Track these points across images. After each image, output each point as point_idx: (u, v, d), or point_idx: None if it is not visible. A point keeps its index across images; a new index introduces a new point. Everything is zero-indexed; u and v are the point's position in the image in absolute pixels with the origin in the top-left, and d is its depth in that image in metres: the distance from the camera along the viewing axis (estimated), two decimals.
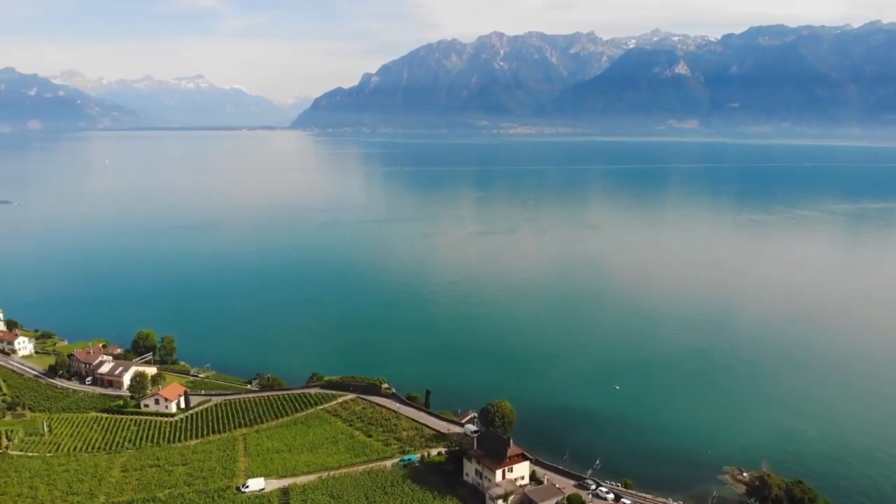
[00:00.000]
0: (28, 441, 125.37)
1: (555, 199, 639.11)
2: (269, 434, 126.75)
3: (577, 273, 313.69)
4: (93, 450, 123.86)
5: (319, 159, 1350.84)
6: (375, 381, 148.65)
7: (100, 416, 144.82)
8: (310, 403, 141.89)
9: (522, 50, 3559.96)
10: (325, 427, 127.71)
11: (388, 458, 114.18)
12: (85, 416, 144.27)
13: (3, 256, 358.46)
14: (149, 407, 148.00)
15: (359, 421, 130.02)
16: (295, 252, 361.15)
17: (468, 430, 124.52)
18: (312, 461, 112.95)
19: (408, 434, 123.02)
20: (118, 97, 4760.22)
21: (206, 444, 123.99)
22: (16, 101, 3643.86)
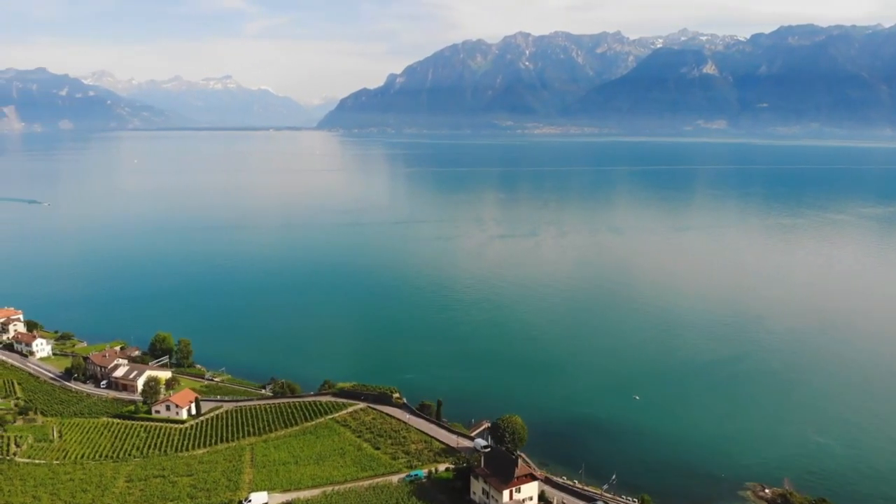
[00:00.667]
0: (36, 447, 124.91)
1: (577, 201, 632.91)
2: (276, 444, 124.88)
3: (597, 278, 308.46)
4: (100, 457, 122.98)
5: (343, 160, 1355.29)
6: (387, 391, 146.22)
7: (111, 422, 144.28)
8: (320, 412, 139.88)
9: (548, 50, 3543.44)
10: (334, 438, 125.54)
11: (394, 473, 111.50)
12: (96, 422, 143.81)
13: (30, 256, 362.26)
14: (160, 413, 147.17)
15: (368, 432, 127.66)
16: (314, 254, 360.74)
17: (478, 445, 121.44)
18: (318, 474, 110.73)
19: (416, 447, 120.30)
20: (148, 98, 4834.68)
21: (213, 454, 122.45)
22: (47, 100, 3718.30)
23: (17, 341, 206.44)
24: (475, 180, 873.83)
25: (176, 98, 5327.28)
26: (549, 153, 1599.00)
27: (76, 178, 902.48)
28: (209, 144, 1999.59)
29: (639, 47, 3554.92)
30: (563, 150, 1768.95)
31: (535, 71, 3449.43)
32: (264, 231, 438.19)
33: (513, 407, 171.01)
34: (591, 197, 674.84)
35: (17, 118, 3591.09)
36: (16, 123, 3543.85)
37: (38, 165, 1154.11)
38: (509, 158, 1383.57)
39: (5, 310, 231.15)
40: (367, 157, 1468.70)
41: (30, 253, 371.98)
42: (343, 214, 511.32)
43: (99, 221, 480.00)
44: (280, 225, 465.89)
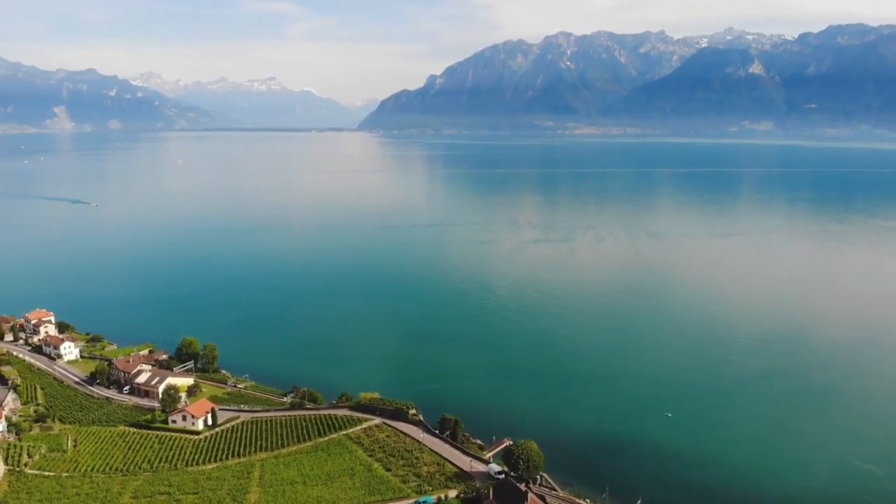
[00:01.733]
0: (48, 458, 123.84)
1: (617, 204, 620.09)
2: (287, 461, 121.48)
3: (633, 286, 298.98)
4: (110, 470, 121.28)
5: (381, 161, 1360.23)
6: (403, 406, 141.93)
7: (127, 431, 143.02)
8: (334, 427, 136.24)
9: (590, 50, 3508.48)
10: (345, 456, 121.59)
11: (402, 499, 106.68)
12: (112, 431, 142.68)
13: (70, 257, 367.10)
14: (176, 423, 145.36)
15: (380, 451, 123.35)
16: (346, 257, 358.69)
17: (492, 471, 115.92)
18: (325, 497, 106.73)
19: (428, 470, 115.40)
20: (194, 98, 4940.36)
21: (223, 470, 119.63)
22: (97, 101, 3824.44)
23: (45, 344, 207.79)
24: (512, 182, 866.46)
25: (221, 99, 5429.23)
26: (590, 154, 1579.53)
27: (124, 178, 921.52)
28: (252, 145, 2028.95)
29: (683, 47, 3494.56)
30: (604, 150, 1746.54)
31: (576, 71, 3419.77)
32: (298, 233, 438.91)
33: (537, 422, 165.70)
34: (631, 200, 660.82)
35: (68, 118, 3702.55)
36: (66, 123, 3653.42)
37: (88, 165, 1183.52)
38: (548, 159, 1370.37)
39: (37, 311, 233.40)
40: (405, 159, 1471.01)
41: (70, 253, 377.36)
42: (377, 216, 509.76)
43: (141, 222, 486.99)
44: (314, 227, 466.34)
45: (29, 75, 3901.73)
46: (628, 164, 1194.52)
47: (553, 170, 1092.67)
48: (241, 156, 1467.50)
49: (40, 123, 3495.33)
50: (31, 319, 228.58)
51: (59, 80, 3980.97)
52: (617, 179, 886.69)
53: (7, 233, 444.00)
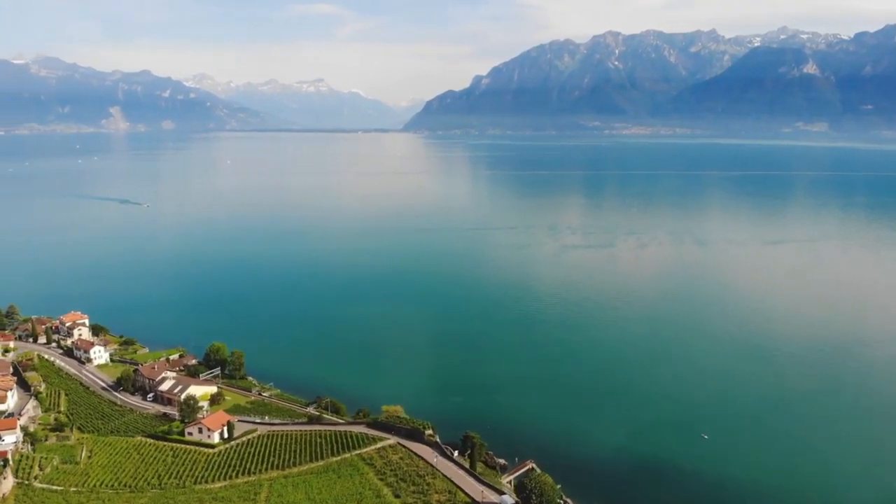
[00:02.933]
0: (60, 470, 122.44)
1: (662, 208, 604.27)
2: (296, 482, 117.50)
3: (673, 296, 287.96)
4: (119, 485, 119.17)
5: (424, 162, 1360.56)
6: (419, 426, 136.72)
7: (144, 442, 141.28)
8: (348, 445, 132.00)
9: (639, 49, 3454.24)
10: (356, 479, 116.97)
11: None
12: (129, 442, 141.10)
13: (115, 258, 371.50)
14: (192, 435, 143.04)
15: (392, 474, 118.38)
16: (381, 262, 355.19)
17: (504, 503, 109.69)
18: None
19: (438, 499, 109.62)
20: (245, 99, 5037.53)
21: (230, 489, 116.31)
22: (151, 102, 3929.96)
23: (76, 347, 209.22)
24: (555, 184, 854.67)
25: (271, 100, 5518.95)
26: (637, 155, 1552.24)
27: (175, 178, 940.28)
28: (299, 146, 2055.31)
29: (735, 46, 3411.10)
30: (652, 151, 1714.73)
31: (624, 71, 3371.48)
32: (336, 236, 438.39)
33: (565, 441, 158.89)
34: (677, 204, 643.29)
35: (123, 118, 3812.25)
36: (121, 123, 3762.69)
37: (141, 165, 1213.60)
38: (594, 161, 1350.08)
39: (72, 314, 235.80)
40: (448, 160, 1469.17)
41: (115, 254, 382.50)
42: (415, 219, 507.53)
43: (186, 224, 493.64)
44: (352, 229, 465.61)
45: (85, 76, 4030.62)
46: (676, 166, 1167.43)
47: (598, 172, 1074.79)
48: (288, 157, 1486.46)
49: (96, 123, 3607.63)
50: (66, 322, 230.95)
51: (115, 81, 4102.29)
52: (664, 182, 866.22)
53: (55, 232, 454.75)
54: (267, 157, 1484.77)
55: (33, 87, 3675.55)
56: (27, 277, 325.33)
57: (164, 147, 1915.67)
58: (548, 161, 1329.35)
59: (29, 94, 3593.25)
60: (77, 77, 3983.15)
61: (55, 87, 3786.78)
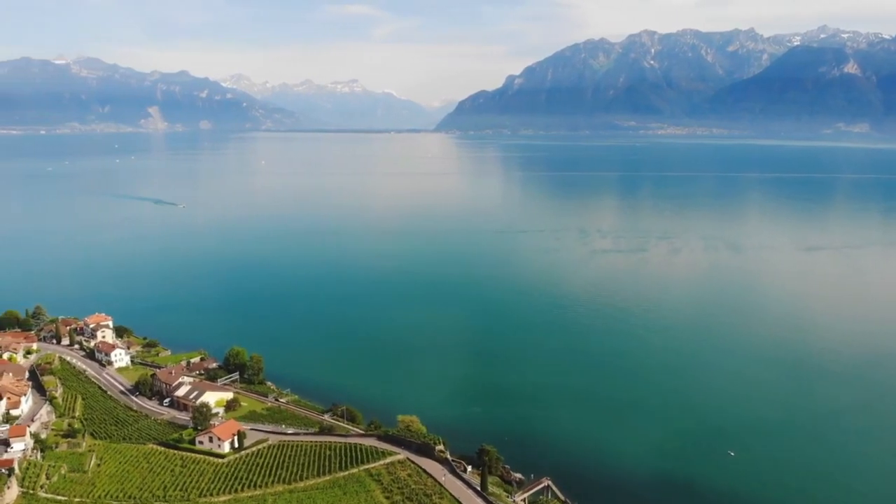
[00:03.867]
0: (67, 479, 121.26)
1: (696, 211, 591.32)
2: (301, 498, 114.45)
3: (704, 305, 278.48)
4: (124, 496, 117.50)
5: (454, 163, 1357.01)
6: (430, 440, 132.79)
7: (154, 450, 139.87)
8: (357, 459, 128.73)
9: (675, 48, 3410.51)
10: (361, 496, 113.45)
11: None
12: (140, 450, 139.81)
13: (144, 259, 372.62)
14: (202, 444, 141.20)
15: (398, 492, 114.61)
16: (406, 264, 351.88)
17: None
18: None
19: None
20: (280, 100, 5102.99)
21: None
22: (189, 102, 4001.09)
23: (97, 350, 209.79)
24: (587, 186, 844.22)
25: (306, 101, 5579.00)
26: (672, 156, 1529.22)
27: (211, 179, 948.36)
28: (332, 146, 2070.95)
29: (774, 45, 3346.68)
30: (688, 152, 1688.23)
31: (660, 70, 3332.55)
32: (363, 237, 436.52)
33: (585, 455, 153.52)
34: (713, 207, 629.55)
35: (161, 118, 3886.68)
36: (160, 123, 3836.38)
37: (181, 166, 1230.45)
38: (628, 161, 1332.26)
39: (96, 315, 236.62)
40: (479, 160, 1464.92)
41: (146, 255, 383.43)
42: (443, 221, 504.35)
43: (219, 225, 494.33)
44: (379, 231, 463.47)
45: (125, 77, 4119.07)
46: (712, 168, 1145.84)
47: (631, 173, 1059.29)
48: (320, 157, 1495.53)
49: (135, 123, 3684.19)
50: (90, 323, 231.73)
51: (154, 81, 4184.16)
52: (699, 184, 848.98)
53: (88, 232, 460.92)
54: (300, 157, 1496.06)
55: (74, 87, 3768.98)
56: (56, 277, 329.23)
57: (200, 147, 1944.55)
58: (580, 162, 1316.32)
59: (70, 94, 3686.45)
60: (117, 77, 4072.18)
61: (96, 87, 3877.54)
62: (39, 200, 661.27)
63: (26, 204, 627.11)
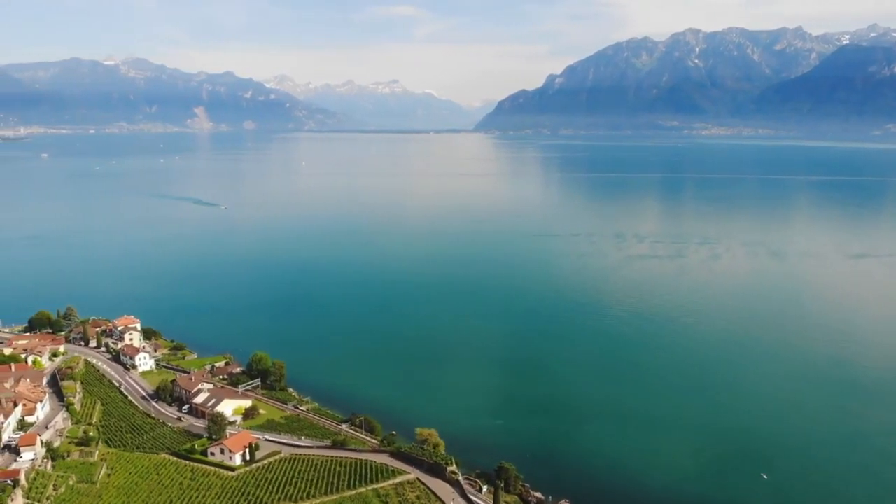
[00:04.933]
0: (74, 491, 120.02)
1: (739, 215, 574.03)
2: None
3: (742, 316, 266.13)
4: None
5: (492, 164, 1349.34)
6: (442, 461, 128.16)
7: (166, 461, 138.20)
8: (366, 478, 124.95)
9: (720, 47, 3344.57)
10: None
11: None
12: (152, 460, 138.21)
13: (182, 260, 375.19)
14: (214, 455, 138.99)
15: None
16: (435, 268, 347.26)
17: None
18: None
19: None
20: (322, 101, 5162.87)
21: None
22: (233, 102, 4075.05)
23: (122, 353, 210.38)
24: (626, 187, 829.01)
25: (347, 101, 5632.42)
26: (716, 157, 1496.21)
27: (253, 179, 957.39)
28: (371, 147, 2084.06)
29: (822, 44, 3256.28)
30: (733, 153, 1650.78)
31: (705, 69, 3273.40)
32: (394, 240, 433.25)
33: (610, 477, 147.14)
34: (756, 211, 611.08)
35: (207, 118, 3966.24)
36: (205, 123, 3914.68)
37: (222, 166, 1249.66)
38: (670, 163, 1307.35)
39: (125, 318, 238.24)
40: (518, 160, 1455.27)
41: (182, 256, 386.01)
42: (476, 223, 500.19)
43: (257, 227, 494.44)
44: (411, 234, 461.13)
45: (172, 77, 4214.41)
46: (757, 170, 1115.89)
47: (673, 174, 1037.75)
48: (359, 158, 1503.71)
49: (182, 123, 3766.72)
50: (118, 326, 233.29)
51: (200, 82, 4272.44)
52: (743, 187, 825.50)
53: (126, 232, 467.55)
54: (339, 158, 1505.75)
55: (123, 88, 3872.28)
56: (91, 277, 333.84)
57: (244, 147, 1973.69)
58: (621, 163, 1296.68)
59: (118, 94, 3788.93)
60: (164, 78, 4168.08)
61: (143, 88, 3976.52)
62: (83, 200, 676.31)
63: (70, 203, 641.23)
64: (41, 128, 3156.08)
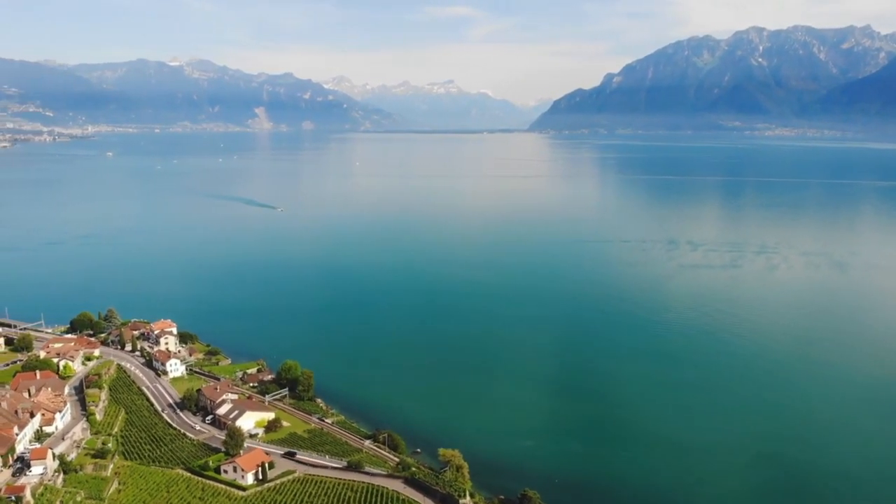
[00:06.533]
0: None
1: (801, 222, 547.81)
2: None
3: (798, 333, 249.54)
4: None
5: (545, 165, 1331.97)
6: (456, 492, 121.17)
7: (179, 477, 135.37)
8: None
9: (785, 45, 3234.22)
10: None
11: None
12: (165, 475, 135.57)
13: (229, 263, 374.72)
14: (227, 473, 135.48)
15: None
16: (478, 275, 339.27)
17: None
18: None
19: None
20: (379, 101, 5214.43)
21: None
22: (293, 103, 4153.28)
23: (155, 359, 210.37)
24: (683, 191, 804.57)
25: (403, 102, 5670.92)
26: (779, 159, 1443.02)
27: (309, 180, 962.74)
28: (424, 147, 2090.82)
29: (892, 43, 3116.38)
30: (797, 155, 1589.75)
31: (768, 68, 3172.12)
32: (438, 245, 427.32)
33: None
34: (819, 218, 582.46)
35: (267, 118, 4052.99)
36: (265, 123, 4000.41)
37: (280, 166, 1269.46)
38: (731, 165, 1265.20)
39: (161, 322, 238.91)
40: (572, 161, 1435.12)
41: (231, 258, 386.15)
42: (524, 228, 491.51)
43: (307, 230, 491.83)
44: (455, 238, 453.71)
45: (234, 78, 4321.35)
46: (822, 173, 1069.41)
47: (733, 177, 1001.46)
48: (412, 159, 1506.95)
49: (243, 123, 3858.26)
50: (155, 330, 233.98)
51: (260, 83, 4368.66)
52: (806, 191, 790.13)
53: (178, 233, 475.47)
54: (392, 159, 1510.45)
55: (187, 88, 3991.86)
56: (136, 278, 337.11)
57: (301, 147, 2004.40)
58: (679, 164, 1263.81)
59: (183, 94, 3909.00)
60: (226, 79, 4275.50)
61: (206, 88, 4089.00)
62: (140, 199, 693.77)
63: (127, 203, 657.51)
64: (108, 126, 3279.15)
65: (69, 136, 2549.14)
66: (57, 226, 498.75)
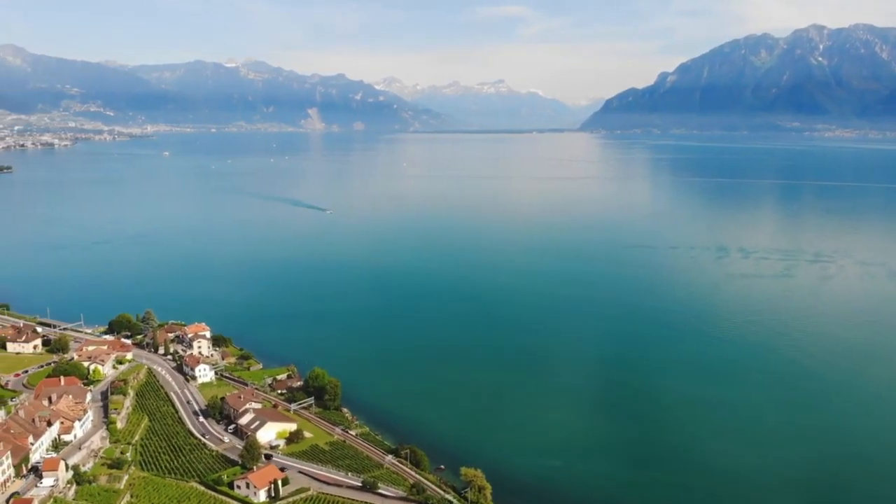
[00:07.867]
0: None
1: (859, 229, 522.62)
2: None
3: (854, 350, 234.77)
4: None
5: (595, 166, 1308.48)
6: None
7: (192, 490, 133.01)
8: None
9: (846, 44, 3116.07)
10: None
11: None
12: (179, 488, 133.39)
13: (271, 266, 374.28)
14: (239, 489, 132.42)
15: None
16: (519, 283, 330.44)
17: None
18: None
19: None
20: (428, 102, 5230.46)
21: None
22: (344, 104, 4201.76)
23: (185, 363, 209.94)
24: (737, 194, 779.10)
25: (453, 102, 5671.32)
26: (840, 162, 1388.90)
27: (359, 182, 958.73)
28: (473, 147, 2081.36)
29: None
30: (858, 158, 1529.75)
31: (829, 67, 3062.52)
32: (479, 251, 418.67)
33: None
34: (880, 225, 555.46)
35: (319, 119, 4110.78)
36: (318, 123, 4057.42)
37: (331, 166, 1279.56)
38: (788, 168, 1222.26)
39: (195, 325, 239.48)
40: (624, 162, 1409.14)
41: (271, 261, 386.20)
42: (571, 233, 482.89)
43: (351, 233, 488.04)
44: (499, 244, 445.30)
45: (288, 79, 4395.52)
46: (885, 177, 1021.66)
47: (790, 181, 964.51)
48: (460, 159, 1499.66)
49: (296, 123, 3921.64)
50: (188, 333, 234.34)
51: (313, 84, 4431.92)
52: (867, 196, 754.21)
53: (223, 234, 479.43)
54: (440, 159, 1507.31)
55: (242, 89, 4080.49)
56: (177, 279, 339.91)
57: (352, 148, 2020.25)
58: (734, 167, 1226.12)
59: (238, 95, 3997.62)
60: (280, 80, 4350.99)
61: (261, 89, 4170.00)
62: (191, 200, 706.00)
63: (178, 203, 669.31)
64: (167, 126, 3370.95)
65: (129, 135, 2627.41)
66: (105, 225, 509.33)
